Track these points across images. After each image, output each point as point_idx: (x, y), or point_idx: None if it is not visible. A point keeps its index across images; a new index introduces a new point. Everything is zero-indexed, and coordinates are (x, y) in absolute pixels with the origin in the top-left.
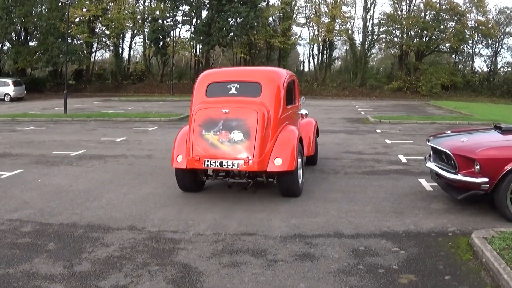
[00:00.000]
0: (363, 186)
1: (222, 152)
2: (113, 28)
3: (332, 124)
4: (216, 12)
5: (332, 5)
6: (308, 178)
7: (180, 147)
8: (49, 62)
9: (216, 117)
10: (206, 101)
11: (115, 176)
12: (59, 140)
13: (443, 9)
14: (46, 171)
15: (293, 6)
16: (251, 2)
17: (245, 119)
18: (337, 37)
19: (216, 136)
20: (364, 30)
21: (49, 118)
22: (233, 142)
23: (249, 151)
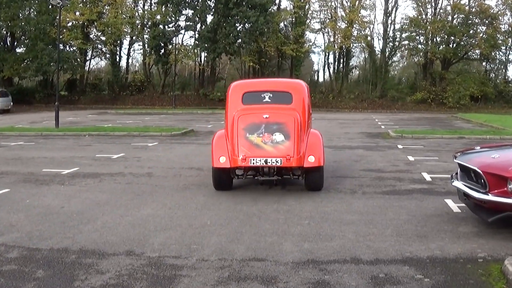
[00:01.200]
0: (383, 207)
1: (266, 151)
2: (109, 34)
3: (350, 140)
4: (223, 17)
5: (349, 9)
6: (324, 198)
7: (221, 148)
8: (38, 71)
9: (258, 121)
10: (244, 108)
11: (111, 196)
12: (49, 156)
13: (473, 12)
14: (35, 190)
15: (307, 10)
16: (261, 6)
17: (284, 123)
18: (355, 44)
19: (260, 137)
20: (384, 36)
21: (39, 133)
22: (275, 143)
23: (289, 150)
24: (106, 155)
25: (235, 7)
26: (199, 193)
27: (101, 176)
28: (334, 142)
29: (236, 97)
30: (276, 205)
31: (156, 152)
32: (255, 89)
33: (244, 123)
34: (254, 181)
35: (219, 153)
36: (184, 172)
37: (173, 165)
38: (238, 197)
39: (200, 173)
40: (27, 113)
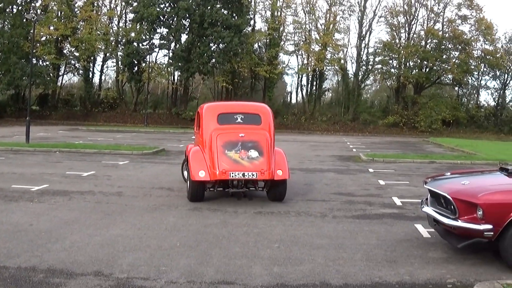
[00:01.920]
0: (353, 231)
1: (243, 166)
2: (83, 50)
3: (321, 162)
4: (197, 37)
5: (323, 32)
6: (294, 221)
7: (199, 163)
8: (10, 85)
9: (235, 139)
10: (221, 128)
11: (80, 215)
12: (19, 172)
13: (446, 37)
14: (3, 207)
15: (281, 32)
16: (235, 27)
17: (257, 141)
18: (328, 67)
19: (238, 154)
20: (358, 59)
21: (9, 148)
22: (251, 159)
23: (263, 165)
24: (76, 173)
25: (209, 27)
26: (169, 213)
27: (71, 194)
28: (306, 165)
29: (212, 118)
30: (246, 228)
31: (126, 171)
32: (228, 111)
33: (222, 141)
34: (224, 200)
35: (198, 167)
36: (155, 192)
37: (143, 184)
38: (208, 218)
39: (171, 193)
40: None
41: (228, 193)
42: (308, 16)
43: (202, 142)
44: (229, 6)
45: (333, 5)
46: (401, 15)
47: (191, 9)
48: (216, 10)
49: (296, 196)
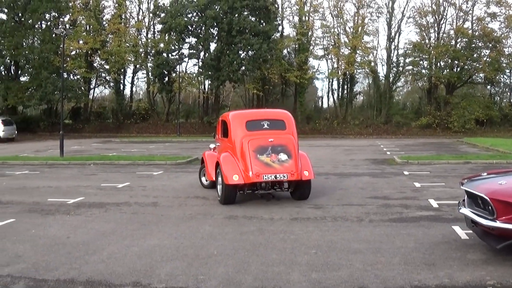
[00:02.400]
0: (390, 235)
1: (275, 169)
2: (113, 63)
3: (355, 167)
4: (226, 45)
5: (352, 35)
6: (330, 227)
7: (233, 168)
8: (42, 100)
9: (265, 144)
10: (250, 134)
11: (117, 226)
12: (54, 186)
13: (476, 35)
14: (41, 220)
15: (310, 37)
16: (264, 34)
17: (286, 145)
18: (359, 70)
19: (269, 157)
20: (388, 61)
21: (44, 162)
22: (281, 161)
23: (292, 167)
24: (111, 184)
25: (238, 35)
26: (205, 222)
27: (107, 205)
28: (340, 169)
29: (240, 125)
30: (283, 234)
31: (161, 181)
32: (255, 118)
33: (253, 146)
34: (260, 207)
35: (232, 172)
36: (190, 201)
37: (178, 194)
38: (244, 226)
39: (206, 202)
40: (32, 142)
41: (258, 197)
42: (336, 19)
43: (232, 148)
44: (256, 13)
45: (361, 8)
46: (429, 15)
47: (218, 17)
48: (243, 18)
49: (332, 201)
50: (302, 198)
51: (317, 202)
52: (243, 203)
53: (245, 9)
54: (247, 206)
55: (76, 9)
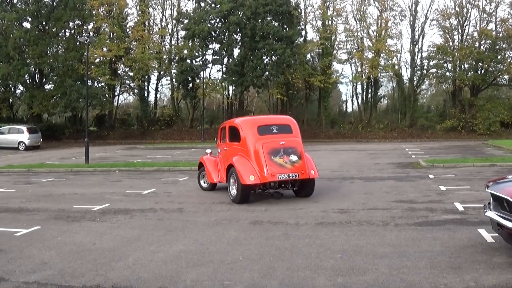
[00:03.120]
0: (416, 239)
1: (288, 169)
2: (137, 70)
3: (380, 170)
4: (249, 50)
5: (376, 39)
6: (356, 231)
7: (248, 169)
8: (67, 107)
9: (277, 147)
10: (262, 138)
11: (143, 233)
12: (80, 193)
13: (500, 37)
14: (66, 227)
15: (333, 41)
16: (287, 38)
17: (295, 147)
18: (383, 74)
19: (281, 159)
20: (412, 64)
21: (69, 169)
22: (292, 162)
23: (302, 167)
24: (136, 191)
25: (261, 40)
26: (231, 228)
27: (132, 212)
28: (365, 173)
29: (252, 130)
30: (308, 239)
31: (186, 187)
32: (265, 123)
33: (267, 149)
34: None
35: (248, 173)
36: (215, 207)
37: (203, 200)
38: (270, 231)
39: (231, 207)
40: (57, 149)
41: (269, 195)
42: (360, 23)
43: (246, 151)
44: (279, 18)
45: (384, 11)
46: (453, 17)
47: (242, 23)
48: (267, 23)
49: (357, 205)
50: (306, 195)
51: (343, 207)
52: (268, 209)
53: (268, 14)
54: (272, 211)
55: (99, 17)
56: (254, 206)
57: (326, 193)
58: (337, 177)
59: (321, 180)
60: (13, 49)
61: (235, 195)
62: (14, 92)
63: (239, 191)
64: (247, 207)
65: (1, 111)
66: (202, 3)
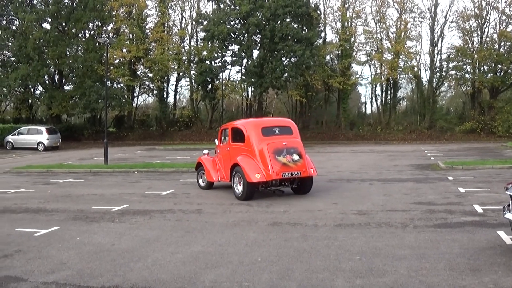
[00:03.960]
0: (435, 240)
1: (291, 167)
2: (156, 71)
3: (399, 172)
4: (269, 52)
5: (395, 40)
6: (375, 233)
7: (254, 168)
8: (86, 108)
9: (281, 147)
10: (266, 139)
11: (161, 233)
12: (99, 193)
13: None
14: (85, 228)
15: (353, 43)
16: (307, 40)
17: (297, 147)
18: (402, 75)
19: (285, 158)
20: (431, 66)
21: (88, 170)
22: (295, 161)
23: (304, 166)
24: (155, 192)
25: (281, 42)
26: (249, 229)
27: (151, 213)
28: (384, 175)
29: (256, 131)
30: (327, 241)
31: (205, 189)
32: (268, 125)
33: (272, 149)
34: (303, 213)
35: (253, 171)
36: (234, 208)
37: (222, 201)
38: (288, 233)
39: (250, 209)
40: (76, 150)
41: (271, 192)
42: (379, 25)
43: (250, 151)
44: (299, 19)
45: (403, 13)
46: (472, 19)
47: (261, 24)
48: (286, 24)
49: (376, 207)
50: (304, 192)
51: (361, 208)
52: (287, 210)
53: (287, 15)
54: (290, 213)
55: (119, 18)
56: (273, 208)
57: (345, 194)
58: (356, 178)
59: (340, 182)
60: (33, 50)
61: (241, 192)
62: (33, 93)
63: (244, 189)
64: (266, 209)
65: (21, 111)
66: (222, 4)
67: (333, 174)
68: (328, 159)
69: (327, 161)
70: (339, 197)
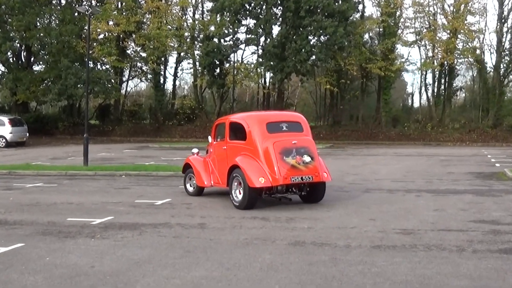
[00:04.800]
0: (501, 269)
1: (301, 171)
2: (151, 49)
3: (454, 182)
4: (292, 28)
5: (452, 15)
6: (422, 257)
7: (257, 171)
8: (62, 94)
9: (290, 146)
10: (272, 136)
11: (154, 253)
12: (76, 202)
13: None
14: (57, 245)
15: (398, 18)
16: (340, 14)
17: (308, 147)
18: (460, 60)
19: (294, 159)
20: (498, 48)
21: (63, 172)
22: (306, 163)
23: (316, 169)
24: (148, 201)
25: (307, 16)
26: (265, 249)
27: (142, 227)
28: (435, 185)
29: (261, 127)
30: (362, 266)
31: (210, 198)
32: (274, 120)
33: (279, 148)
34: (333, 231)
35: (257, 175)
36: (246, 223)
37: (231, 213)
38: (314, 255)
39: (266, 224)
40: (48, 147)
41: (277, 200)
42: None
43: (253, 150)
44: None
45: None
46: None
47: None
48: None
49: (424, 224)
50: (315, 200)
51: (406, 226)
52: (312, 226)
53: None
54: (316, 230)
55: None
56: (294, 223)
57: (385, 208)
58: (400, 188)
59: (379, 192)
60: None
61: (241, 200)
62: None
63: (245, 195)
64: (286, 224)
65: None
66: None
67: (370, 183)
68: (364, 164)
69: (363, 166)
70: (378, 211)
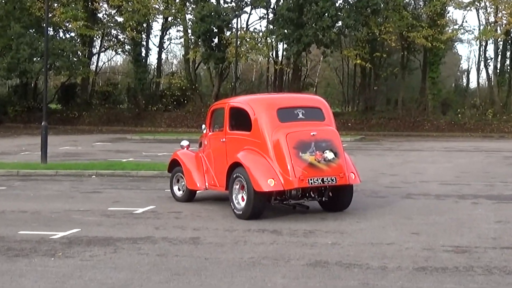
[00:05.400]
0: None
1: (321, 170)
2: (130, 13)
3: None
4: None
5: None
6: (481, 283)
7: (266, 170)
8: (13, 70)
9: (307, 139)
10: (285, 126)
11: (133, 276)
12: (31, 210)
13: None
14: (6, 267)
15: None
16: None
17: (331, 140)
18: None
19: (313, 156)
20: None
21: (13, 171)
22: (327, 161)
23: (341, 168)
24: (125, 209)
25: None
26: (276, 271)
27: (117, 243)
28: (497, 190)
29: (270, 114)
30: None
31: (205, 204)
32: (287, 105)
33: (293, 141)
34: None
35: (265, 175)
36: (251, 237)
37: (232, 224)
38: (340, 279)
39: (277, 238)
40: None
41: (290, 208)
42: None
43: (260, 144)
44: None
45: None
46: None
47: None
48: None
49: (483, 240)
50: (341, 208)
51: (459, 242)
52: (337, 242)
53: None
54: (343, 246)
55: None
56: (315, 237)
57: (432, 219)
58: (451, 194)
59: (424, 198)
60: None
61: (244, 208)
62: None
63: (250, 202)
64: (303, 239)
65: None
66: None
67: (413, 186)
68: (405, 162)
69: (404, 164)
70: (423, 223)
